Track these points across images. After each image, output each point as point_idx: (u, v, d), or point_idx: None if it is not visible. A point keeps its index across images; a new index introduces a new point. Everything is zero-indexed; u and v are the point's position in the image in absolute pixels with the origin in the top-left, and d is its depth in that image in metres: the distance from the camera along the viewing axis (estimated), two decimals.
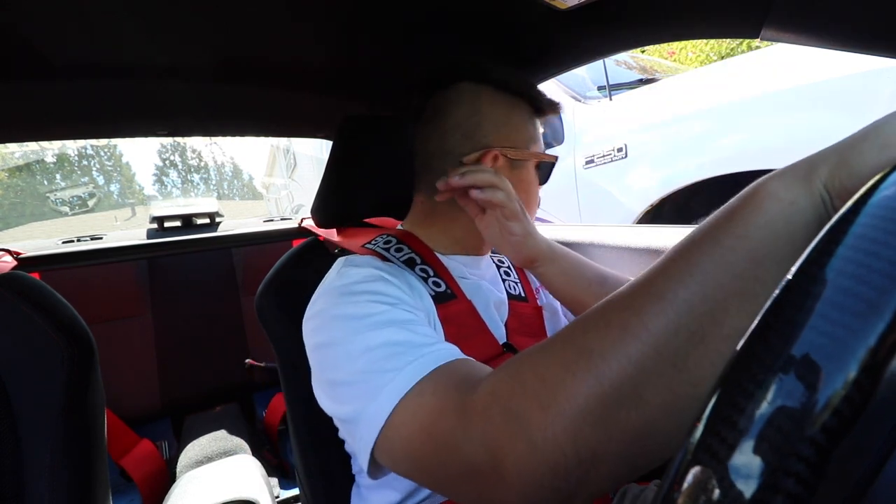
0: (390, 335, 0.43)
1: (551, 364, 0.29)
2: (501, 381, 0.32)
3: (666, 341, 0.25)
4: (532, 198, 0.67)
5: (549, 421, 0.27)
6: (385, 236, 0.67)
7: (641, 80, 2.10)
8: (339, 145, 0.77)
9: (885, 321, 0.14)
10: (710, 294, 0.24)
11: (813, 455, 0.14)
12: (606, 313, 0.28)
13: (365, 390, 0.40)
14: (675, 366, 0.24)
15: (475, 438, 0.31)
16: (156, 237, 1.57)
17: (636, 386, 0.25)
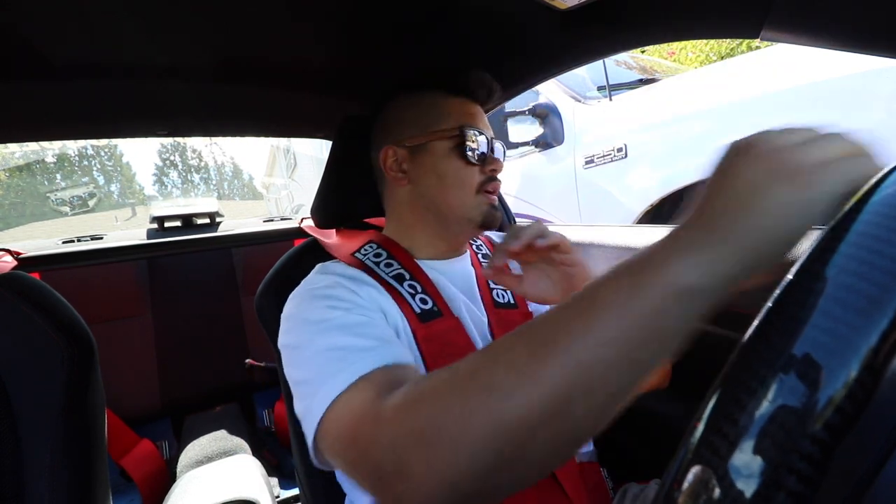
0: (336, 340, 0.47)
1: (456, 393, 0.31)
2: (411, 394, 0.35)
3: (561, 391, 0.27)
4: (449, 179, 0.63)
5: (447, 443, 0.30)
6: (375, 246, 0.67)
7: (641, 80, 2.10)
8: (338, 145, 0.77)
9: (888, 318, 0.14)
10: (593, 365, 0.28)
11: (815, 452, 0.14)
12: (512, 352, 0.31)
13: (310, 390, 0.44)
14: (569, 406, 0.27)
15: (384, 444, 0.33)
16: (156, 237, 1.57)
17: (530, 427, 0.28)
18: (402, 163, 0.66)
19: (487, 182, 0.65)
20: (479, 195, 0.64)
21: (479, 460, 0.29)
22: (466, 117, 0.65)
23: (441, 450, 0.30)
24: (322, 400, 0.42)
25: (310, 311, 0.53)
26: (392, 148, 0.66)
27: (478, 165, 0.64)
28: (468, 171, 0.64)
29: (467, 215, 0.64)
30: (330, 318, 0.51)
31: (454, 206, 0.64)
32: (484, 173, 0.64)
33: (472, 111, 0.66)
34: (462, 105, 0.66)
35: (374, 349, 0.45)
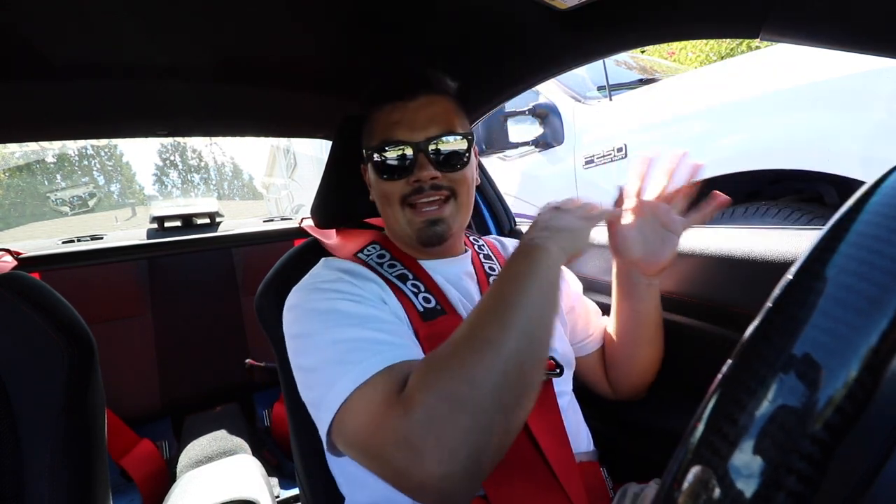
0: (349, 332, 0.49)
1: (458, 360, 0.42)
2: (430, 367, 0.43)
3: (523, 330, 0.43)
4: (379, 198, 0.65)
5: (478, 395, 0.39)
6: (378, 247, 0.68)
7: (641, 80, 2.10)
8: (338, 145, 0.77)
9: (888, 318, 0.14)
10: (532, 314, 0.45)
11: (815, 452, 0.14)
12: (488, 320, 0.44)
13: (327, 377, 0.46)
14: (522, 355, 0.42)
15: (420, 422, 0.39)
16: (156, 237, 1.57)
17: (512, 366, 0.41)
18: (368, 178, 0.68)
19: (413, 194, 0.60)
20: (406, 209, 0.61)
21: (496, 401, 0.39)
22: (388, 128, 0.61)
23: (469, 409, 0.39)
24: (339, 392, 0.44)
25: (317, 301, 0.54)
26: (363, 164, 0.69)
27: (402, 179, 0.61)
28: (391, 186, 0.61)
29: (404, 231, 0.63)
30: (340, 309, 0.52)
31: (390, 223, 0.65)
32: (409, 184, 0.60)
33: (394, 119, 0.61)
34: (386, 115, 0.62)
35: (386, 344, 0.48)
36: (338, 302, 0.53)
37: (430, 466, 0.38)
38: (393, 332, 0.51)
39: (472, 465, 0.39)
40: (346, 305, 0.52)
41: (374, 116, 0.65)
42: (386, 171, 0.61)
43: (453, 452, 0.38)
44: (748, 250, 0.63)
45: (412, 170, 0.60)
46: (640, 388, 0.73)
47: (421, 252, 0.67)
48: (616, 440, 0.83)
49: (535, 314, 0.44)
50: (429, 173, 0.59)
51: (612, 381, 0.76)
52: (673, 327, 0.73)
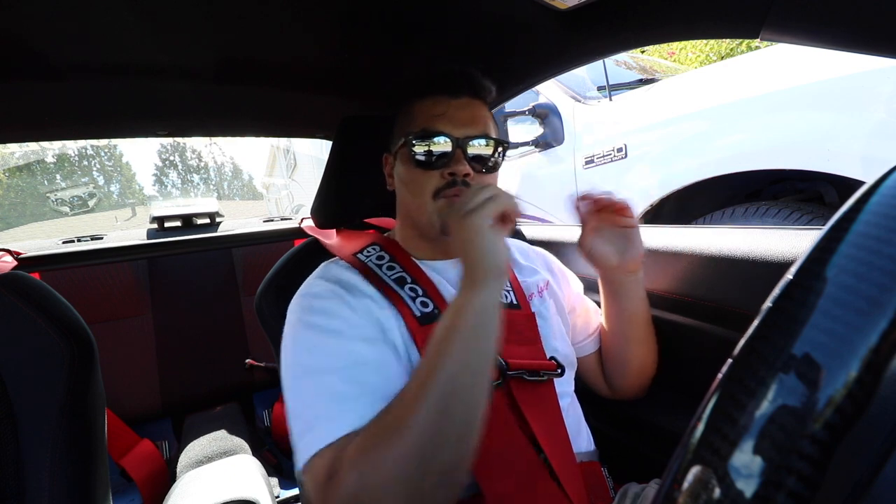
0: (328, 384, 0.50)
1: (376, 449, 0.42)
2: (354, 454, 0.43)
3: (443, 401, 0.43)
4: (409, 186, 0.64)
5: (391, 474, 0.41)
6: (378, 248, 0.68)
7: (641, 80, 2.10)
8: (338, 146, 0.77)
9: (888, 318, 0.14)
10: (457, 364, 0.45)
11: (815, 452, 0.14)
12: (407, 397, 0.45)
13: (298, 429, 0.49)
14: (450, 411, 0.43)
15: (342, 488, 0.41)
16: (156, 237, 1.57)
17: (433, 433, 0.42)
18: (392, 168, 0.68)
19: (446, 187, 0.61)
20: (439, 200, 0.61)
21: (411, 481, 0.41)
22: (430, 119, 0.62)
23: (391, 487, 0.40)
24: (307, 447, 0.46)
25: (307, 331, 0.55)
26: (386, 155, 0.70)
27: (437, 170, 0.61)
28: (425, 176, 0.62)
29: (428, 221, 0.62)
30: (321, 348, 0.53)
31: (415, 212, 0.64)
32: (443, 177, 0.61)
33: (438, 111, 0.62)
34: (430, 106, 0.63)
35: (351, 401, 0.49)
36: (322, 336, 0.54)
37: None
38: (365, 378, 0.51)
39: None
40: (330, 342, 0.53)
41: (416, 106, 0.65)
42: (423, 159, 0.62)
43: None
44: (748, 250, 0.63)
45: (448, 163, 0.61)
46: (637, 388, 0.73)
47: (432, 249, 0.67)
48: (617, 440, 0.83)
49: (457, 377, 0.44)
50: (464, 168, 0.60)
51: (609, 381, 0.76)
52: (673, 327, 0.73)
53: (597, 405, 0.82)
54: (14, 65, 0.66)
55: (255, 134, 1.17)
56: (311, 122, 1.12)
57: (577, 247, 0.69)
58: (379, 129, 0.72)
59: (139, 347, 1.65)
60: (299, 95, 0.94)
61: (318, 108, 1.02)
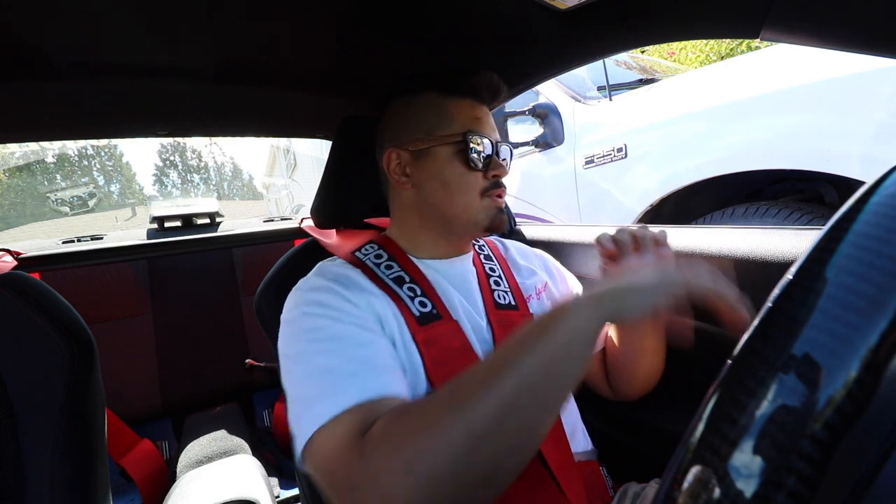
0: (324, 360, 0.48)
1: (430, 414, 0.39)
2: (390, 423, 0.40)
3: (508, 400, 0.37)
4: (453, 185, 0.63)
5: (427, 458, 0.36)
6: (375, 247, 0.67)
7: (641, 80, 2.10)
8: (338, 146, 0.77)
9: (888, 318, 0.14)
10: (534, 371, 0.38)
11: (815, 452, 0.14)
12: (472, 380, 0.39)
13: (298, 410, 0.47)
14: (512, 415, 0.36)
15: (367, 478, 0.37)
16: (156, 237, 1.57)
17: (488, 429, 0.36)
18: (406, 166, 0.66)
19: (493, 187, 0.64)
20: (486, 199, 0.64)
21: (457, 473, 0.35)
22: (472, 122, 0.64)
23: (422, 475, 0.35)
24: (308, 424, 0.44)
25: (302, 319, 0.54)
26: (395, 151, 0.66)
27: (481, 171, 0.64)
28: (472, 176, 0.63)
29: (473, 219, 0.64)
30: (320, 328, 0.52)
31: (459, 211, 0.64)
32: (487, 178, 0.64)
33: (477, 115, 0.65)
34: (468, 108, 0.65)
35: (358, 376, 0.47)
36: (319, 320, 0.53)
37: None
38: (371, 358, 0.49)
39: None
40: (327, 324, 0.52)
41: (449, 105, 0.65)
42: (475, 159, 0.63)
43: None
44: (748, 250, 0.63)
45: (492, 166, 0.64)
46: (641, 393, 0.73)
47: (444, 245, 0.68)
48: (616, 440, 0.83)
49: (529, 383, 0.37)
50: (506, 171, 0.66)
51: (613, 386, 0.76)
52: None
53: (596, 405, 0.82)
54: (14, 65, 0.66)
55: (255, 134, 1.17)
56: (311, 122, 1.12)
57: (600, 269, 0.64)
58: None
59: (139, 347, 1.66)
60: (299, 95, 0.94)
61: (318, 108, 1.02)
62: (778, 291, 0.18)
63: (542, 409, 0.38)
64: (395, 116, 0.68)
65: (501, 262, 0.73)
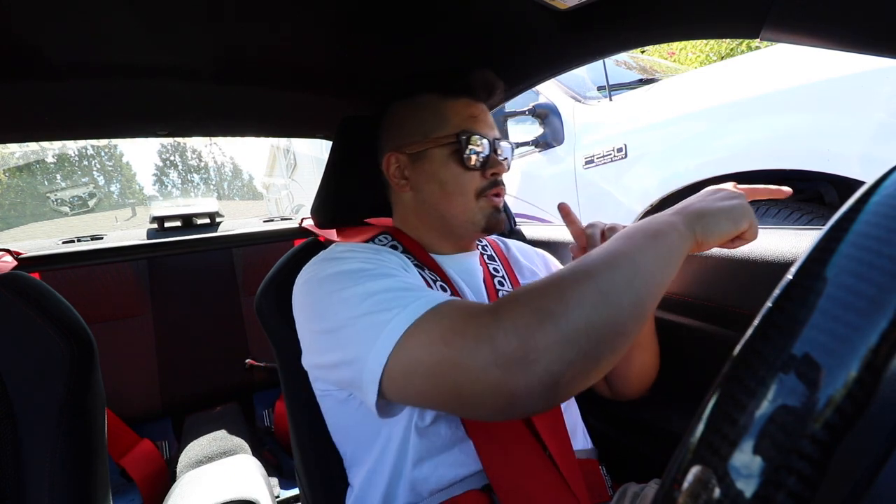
0: (390, 283, 0.47)
1: (561, 282, 0.41)
2: (520, 293, 0.42)
3: (621, 283, 0.41)
4: (450, 186, 0.63)
5: (568, 312, 0.38)
6: (389, 238, 0.68)
7: (641, 80, 2.10)
8: (338, 146, 0.77)
9: (888, 318, 0.14)
10: (640, 269, 0.42)
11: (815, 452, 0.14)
12: (578, 279, 0.41)
13: (368, 327, 0.44)
14: (620, 297, 0.40)
15: (507, 328, 0.39)
16: (156, 237, 1.57)
17: (606, 301, 0.40)
18: (404, 169, 0.66)
19: (490, 187, 0.64)
20: (482, 199, 0.64)
21: (585, 324, 0.38)
22: (467, 121, 0.64)
23: (555, 321, 0.38)
24: (392, 332, 0.42)
25: (341, 264, 0.52)
26: (394, 154, 0.66)
27: (479, 170, 0.63)
28: (469, 176, 0.63)
29: (471, 220, 0.64)
30: (363, 268, 0.51)
31: (456, 212, 0.64)
32: (486, 178, 0.64)
33: (473, 113, 0.65)
34: (463, 107, 0.65)
35: (426, 290, 0.47)
36: (358, 263, 0.52)
37: (510, 368, 0.37)
38: (426, 287, 0.51)
39: (549, 378, 0.37)
40: (368, 265, 0.51)
41: (446, 104, 0.65)
42: (471, 160, 0.62)
43: (533, 362, 0.37)
44: (748, 250, 0.63)
45: (490, 165, 0.64)
46: (638, 391, 0.73)
47: (446, 243, 0.68)
48: (616, 439, 0.83)
49: (644, 271, 0.42)
50: (503, 169, 0.64)
51: (610, 383, 0.76)
52: (673, 327, 0.73)
53: (596, 404, 0.82)
54: (14, 65, 0.66)
55: (255, 134, 1.17)
56: (311, 122, 1.12)
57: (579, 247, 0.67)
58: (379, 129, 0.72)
59: (139, 347, 1.66)
60: (299, 95, 0.94)
61: (318, 108, 1.02)
62: (778, 291, 0.18)
63: (643, 302, 0.42)
64: (394, 119, 0.68)
65: (504, 261, 0.74)
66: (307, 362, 0.57)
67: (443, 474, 0.55)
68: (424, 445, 0.55)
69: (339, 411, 0.62)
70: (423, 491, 0.55)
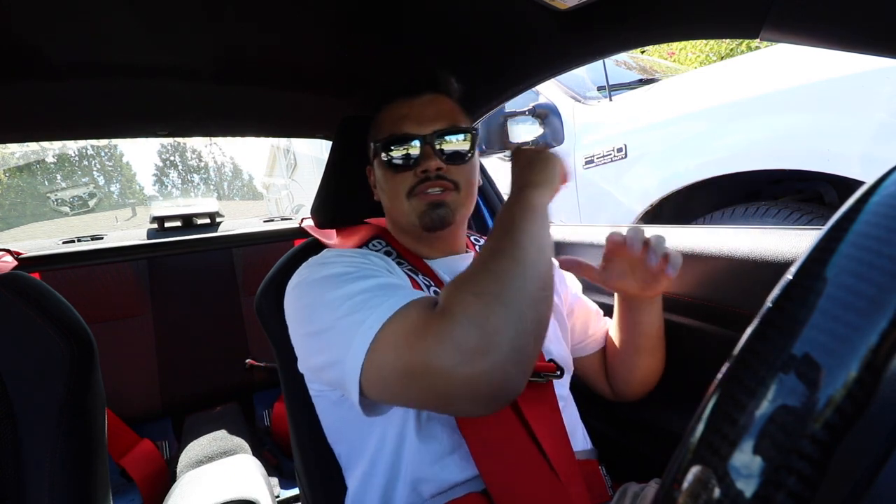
0: (368, 284, 0.49)
1: (487, 265, 0.45)
2: (457, 285, 0.45)
3: (525, 248, 0.46)
4: (386, 191, 0.65)
5: (504, 289, 0.43)
6: (383, 242, 0.68)
7: (641, 80, 2.10)
8: (338, 146, 0.77)
9: (888, 318, 0.14)
10: (529, 232, 0.48)
11: (815, 452, 0.14)
12: (497, 261, 0.46)
13: (346, 329, 0.45)
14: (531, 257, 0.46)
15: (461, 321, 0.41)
16: (156, 237, 1.57)
17: (524, 265, 0.45)
18: (373, 177, 0.70)
19: (418, 184, 0.62)
20: (413, 199, 0.62)
21: (523, 294, 0.43)
22: (394, 123, 0.64)
23: (500, 299, 0.41)
24: (366, 333, 0.44)
25: (326, 268, 0.54)
26: (369, 166, 0.71)
27: (410, 170, 0.62)
28: (398, 178, 0.63)
29: (409, 221, 0.64)
30: (348, 272, 0.52)
31: (395, 215, 0.66)
32: (416, 176, 0.62)
33: (402, 113, 0.64)
34: (394, 110, 0.65)
35: (403, 288, 0.50)
36: (343, 267, 0.53)
37: (476, 359, 0.39)
38: (406, 285, 0.52)
39: (514, 353, 0.40)
40: (352, 269, 0.53)
41: (382, 114, 0.67)
42: (394, 164, 0.62)
43: (496, 342, 0.40)
44: (748, 250, 0.63)
45: (419, 161, 0.62)
46: (640, 394, 0.73)
47: (426, 247, 0.67)
48: (616, 439, 0.83)
49: (531, 232, 0.48)
50: (435, 163, 0.61)
51: (612, 385, 0.76)
52: (673, 327, 0.73)
53: (596, 405, 0.82)
54: (14, 65, 0.66)
55: (255, 134, 1.17)
56: (311, 122, 1.12)
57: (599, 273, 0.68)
58: None
59: (139, 347, 1.65)
60: (299, 95, 0.94)
61: (318, 108, 1.02)
62: (778, 291, 0.18)
63: (547, 270, 0.47)
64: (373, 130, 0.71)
65: None
66: (300, 365, 0.58)
67: (443, 478, 0.55)
68: (423, 449, 0.55)
69: (333, 412, 0.62)
70: (423, 494, 0.55)
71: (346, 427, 0.61)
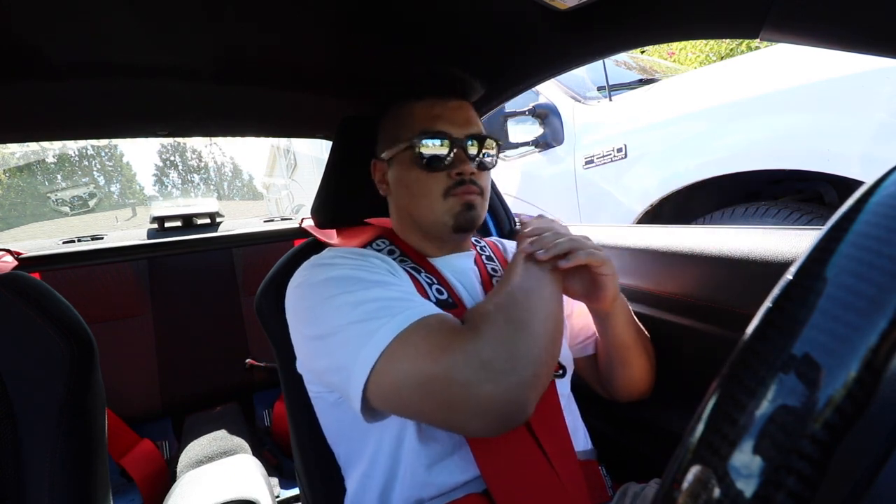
0: (382, 293, 0.49)
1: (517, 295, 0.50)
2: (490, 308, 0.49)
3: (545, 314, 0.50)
4: (415, 189, 0.63)
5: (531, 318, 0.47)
6: (387, 242, 0.68)
7: (641, 80, 2.10)
8: (339, 146, 0.77)
9: (888, 318, 0.14)
10: (541, 285, 0.53)
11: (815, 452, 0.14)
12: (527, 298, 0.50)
13: (356, 336, 0.46)
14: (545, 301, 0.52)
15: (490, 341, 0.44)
16: (156, 237, 1.57)
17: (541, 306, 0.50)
18: (385, 174, 0.68)
19: (455, 186, 0.62)
20: (450, 199, 0.62)
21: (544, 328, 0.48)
22: (428, 121, 0.63)
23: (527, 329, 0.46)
24: (377, 343, 0.44)
25: (334, 270, 0.54)
26: (377, 161, 0.69)
27: (444, 171, 0.62)
28: (432, 178, 0.62)
29: (439, 220, 0.63)
30: (355, 275, 0.52)
31: (423, 213, 0.64)
32: (451, 178, 0.62)
33: (436, 112, 0.63)
34: (426, 108, 0.64)
35: (415, 302, 0.49)
36: (350, 270, 0.53)
37: (500, 378, 0.42)
38: (416, 296, 0.52)
39: (534, 378, 0.44)
40: (360, 273, 0.52)
41: (411, 108, 0.65)
42: (428, 161, 0.62)
43: (521, 365, 0.43)
44: (748, 250, 0.63)
45: (454, 164, 0.62)
46: (634, 396, 0.73)
47: (435, 247, 0.68)
48: (616, 440, 0.83)
49: (541, 286, 0.52)
50: (469, 167, 0.62)
51: (606, 389, 0.76)
52: (673, 327, 0.73)
53: (596, 405, 0.82)
54: (14, 65, 0.66)
55: (255, 134, 1.17)
56: (311, 122, 1.12)
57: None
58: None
59: (139, 347, 1.65)
60: (299, 95, 0.94)
61: (318, 108, 1.02)
62: (778, 291, 0.18)
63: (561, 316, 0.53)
64: (380, 125, 0.70)
65: (503, 262, 0.74)
66: (299, 366, 0.59)
67: (443, 480, 0.55)
68: (423, 451, 0.55)
69: (331, 413, 0.62)
70: (423, 495, 0.55)
71: (345, 428, 0.61)
